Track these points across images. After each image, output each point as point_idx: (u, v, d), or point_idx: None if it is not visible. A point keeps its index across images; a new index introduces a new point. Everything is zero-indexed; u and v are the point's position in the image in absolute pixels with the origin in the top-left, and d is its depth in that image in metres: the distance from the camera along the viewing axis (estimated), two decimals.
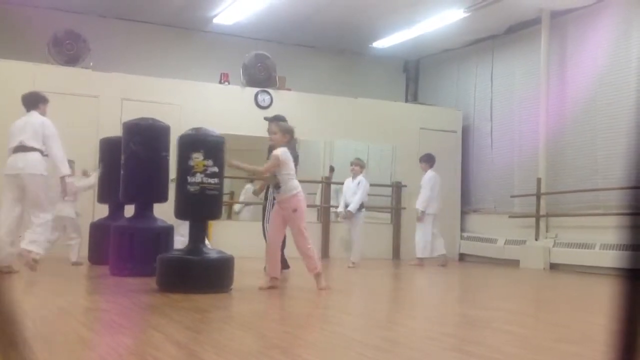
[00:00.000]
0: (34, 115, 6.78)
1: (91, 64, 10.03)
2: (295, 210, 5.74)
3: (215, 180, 5.52)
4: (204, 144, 5.52)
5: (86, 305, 4.84)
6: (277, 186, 5.81)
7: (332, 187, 11.24)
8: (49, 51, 9.86)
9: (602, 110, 9.52)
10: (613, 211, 8.58)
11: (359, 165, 9.75)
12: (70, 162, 8.15)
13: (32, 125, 6.66)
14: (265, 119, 7.57)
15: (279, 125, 6.14)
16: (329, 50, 12.77)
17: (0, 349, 0.94)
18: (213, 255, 5.57)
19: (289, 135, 6.01)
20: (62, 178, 6.78)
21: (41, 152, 6.64)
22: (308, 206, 6.86)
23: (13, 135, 6.69)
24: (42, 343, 3.08)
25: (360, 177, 9.76)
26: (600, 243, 8.93)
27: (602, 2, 9.68)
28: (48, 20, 10.39)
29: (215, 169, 5.52)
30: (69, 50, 9.97)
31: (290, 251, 8.33)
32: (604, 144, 9.43)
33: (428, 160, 10.36)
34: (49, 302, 4.71)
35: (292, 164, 5.86)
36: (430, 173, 10.27)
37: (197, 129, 5.69)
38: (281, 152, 5.77)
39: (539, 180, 10.42)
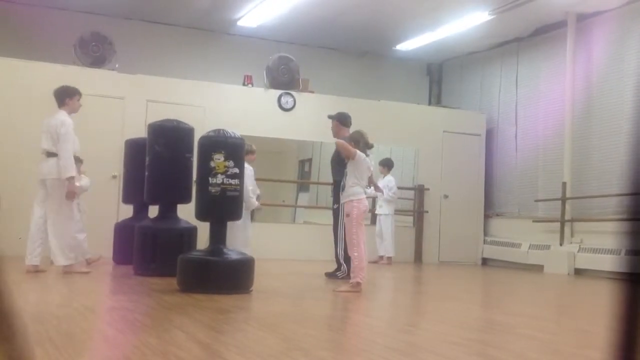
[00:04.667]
0: (57, 115, 6.78)
1: (117, 65, 10.14)
2: (347, 215, 5.98)
3: (236, 181, 5.55)
4: (224, 146, 5.55)
5: (110, 304, 4.89)
6: (342, 188, 6.13)
7: None
8: (75, 53, 9.99)
9: (629, 113, 9.39)
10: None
11: (385, 166, 10.26)
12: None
13: (50, 128, 6.69)
14: (329, 117, 7.77)
15: (353, 136, 6.31)
16: (353, 53, 12.76)
17: None
18: (234, 256, 5.60)
19: (359, 142, 6.13)
20: (68, 179, 6.61)
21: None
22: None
23: (42, 136, 6.77)
24: (66, 341, 3.11)
25: (389, 177, 10.22)
26: (627, 249, 8.80)
27: (630, 4, 9.55)
28: (74, 22, 10.53)
29: (236, 170, 5.55)
30: (94, 52, 10.09)
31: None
32: (630, 147, 9.28)
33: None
34: (73, 300, 4.77)
35: (361, 172, 6.01)
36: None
37: (217, 131, 5.72)
38: (359, 154, 5.98)
39: (564, 185, 10.31)
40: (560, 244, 10.21)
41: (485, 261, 11.90)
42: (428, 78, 13.76)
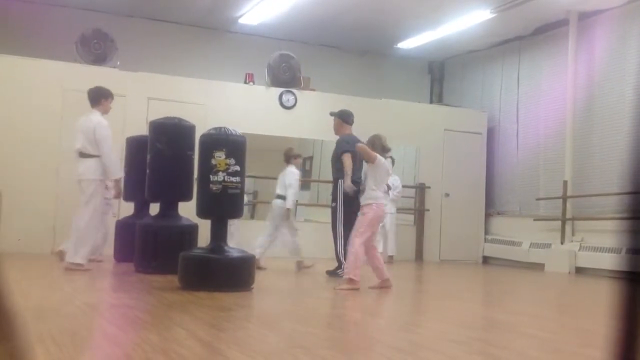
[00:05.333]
0: (91, 116, 6.86)
1: (118, 63, 10.13)
2: (363, 215, 6.05)
3: (237, 179, 5.55)
4: (226, 143, 5.55)
5: (111, 301, 4.89)
6: (362, 190, 6.20)
7: None
8: (77, 50, 9.98)
9: (630, 112, 9.38)
10: None
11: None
12: None
13: (85, 129, 6.77)
14: (331, 114, 7.78)
15: (370, 140, 6.35)
16: (354, 51, 12.76)
17: None
18: (234, 254, 5.60)
19: (375, 146, 6.19)
20: (116, 180, 6.89)
21: (97, 157, 6.75)
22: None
23: (74, 136, 6.88)
24: (67, 339, 3.12)
25: (394, 176, 10.25)
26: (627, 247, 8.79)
27: (631, 3, 9.54)
28: (76, 19, 10.53)
29: (237, 168, 5.54)
30: (96, 49, 10.09)
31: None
32: (631, 146, 9.27)
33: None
34: (75, 298, 4.77)
35: (381, 176, 6.11)
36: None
37: (218, 128, 5.72)
38: (379, 158, 6.07)
39: (565, 183, 10.31)
40: (561, 243, 10.21)
41: (486, 259, 11.90)
42: (429, 76, 13.75)
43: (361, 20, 11.14)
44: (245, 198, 8.28)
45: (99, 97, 6.96)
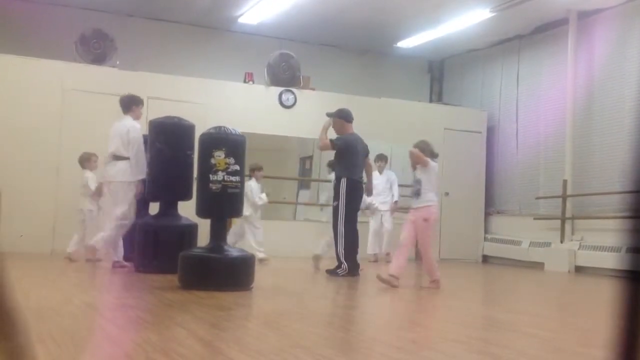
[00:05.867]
0: (124, 121, 7.29)
1: (118, 62, 10.13)
2: (425, 220, 6.31)
3: (237, 178, 5.54)
4: (225, 143, 5.55)
5: (112, 301, 4.89)
6: (417, 193, 6.38)
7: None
8: (77, 50, 9.98)
9: (631, 111, 9.38)
10: None
11: (385, 160, 10.31)
12: (92, 156, 8.28)
13: (119, 133, 7.20)
14: (328, 115, 7.80)
15: (419, 145, 6.57)
16: (353, 50, 12.75)
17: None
18: (234, 253, 5.59)
19: (425, 152, 6.48)
20: (140, 181, 7.16)
21: (128, 159, 7.17)
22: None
23: (109, 140, 7.30)
24: (68, 338, 3.11)
25: (389, 172, 10.24)
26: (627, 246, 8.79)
27: (631, 2, 9.54)
28: (76, 19, 10.52)
29: (237, 167, 5.54)
30: (96, 49, 10.08)
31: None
32: (632, 145, 9.28)
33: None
34: (75, 297, 4.77)
35: (433, 179, 6.44)
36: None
37: (218, 128, 5.71)
38: (431, 162, 6.40)
39: (564, 182, 10.31)
40: (561, 242, 10.21)
41: (485, 258, 11.90)
42: (429, 75, 13.75)
43: (361, 19, 11.14)
44: (264, 197, 8.63)
45: (130, 104, 7.42)
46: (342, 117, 7.64)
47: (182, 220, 6.95)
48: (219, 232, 5.64)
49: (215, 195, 5.49)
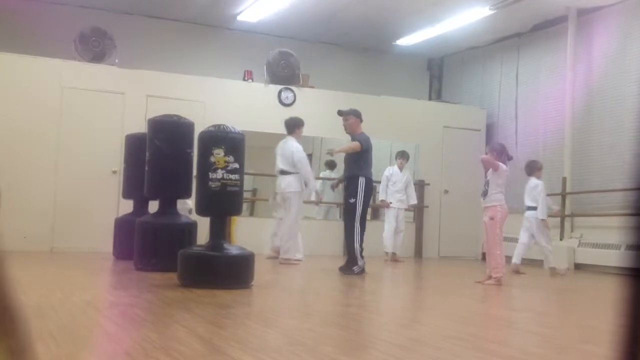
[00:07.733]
0: (289, 142, 8.48)
1: (117, 60, 10.12)
2: (491, 219, 6.81)
3: (236, 176, 5.54)
4: (225, 141, 5.54)
5: (111, 299, 4.89)
6: (485, 194, 6.90)
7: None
8: (76, 48, 9.97)
9: (630, 108, 9.38)
10: None
11: (406, 158, 10.30)
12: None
13: (284, 153, 8.42)
14: (340, 113, 7.83)
15: (496, 148, 7.03)
16: (353, 48, 12.74)
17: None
18: (234, 251, 5.59)
19: (502, 154, 7.02)
20: (316, 192, 8.89)
21: (295, 174, 8.35)
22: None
23: (277, 157, 8.50)
24: (67, 336, 3.11)
25: (407, 172, 10.24)
26: (627, 244, 8.81)
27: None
28: (75, 17, 10.51)
29: (236, 166, 5.53)
30: (95, 47, 10.07)
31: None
32: (632, 143, 9.28)
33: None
34: (74, 295, 4.76)
35: (503, 181, 6.88)
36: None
37: (217, 126, 5.71)
38: (501, 166, 6.83)
39: (564, 180, 10.31)
40: (561, 239, 10.21)
41: (485, 256, 11.88)
42: (428, 73, 13.74)
43: (360, 17, 11.13)
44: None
45: (294, 127, 8.63)
46: (358, 116, 7.72)
47: (182, 218, 6.95)
48: (218, 230, 5.63)
49: (214, 193, 5.49)
